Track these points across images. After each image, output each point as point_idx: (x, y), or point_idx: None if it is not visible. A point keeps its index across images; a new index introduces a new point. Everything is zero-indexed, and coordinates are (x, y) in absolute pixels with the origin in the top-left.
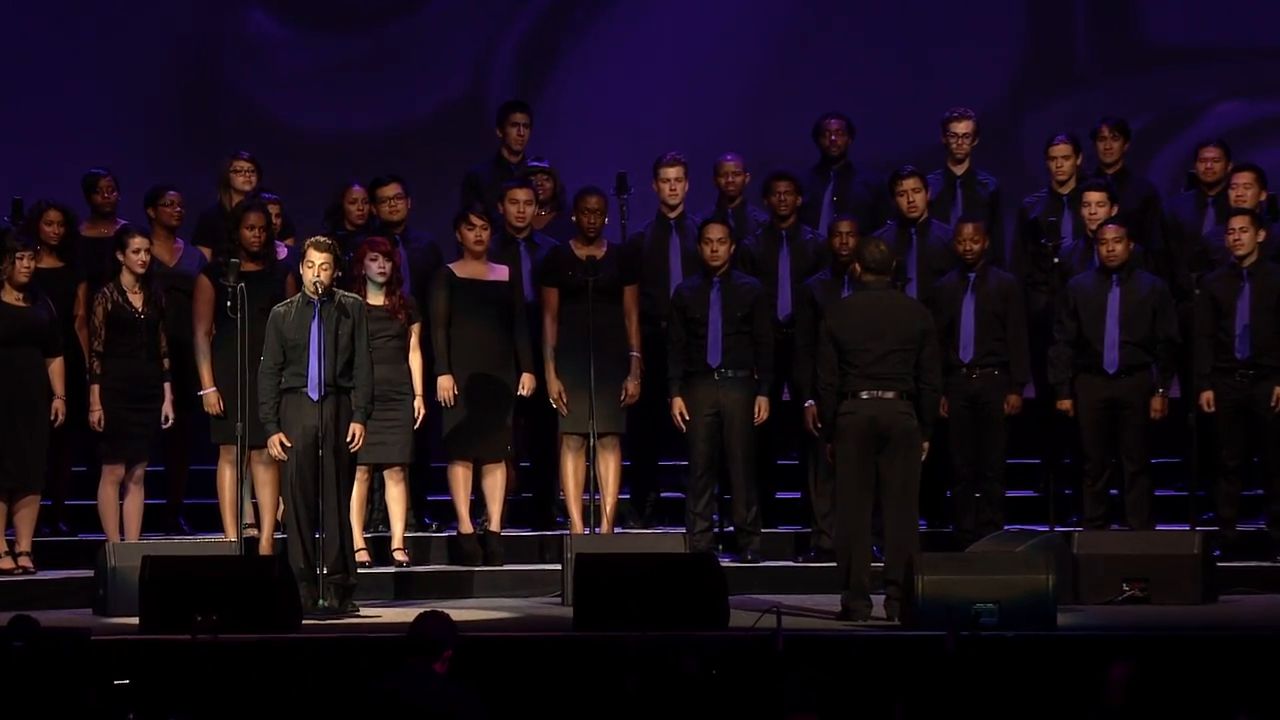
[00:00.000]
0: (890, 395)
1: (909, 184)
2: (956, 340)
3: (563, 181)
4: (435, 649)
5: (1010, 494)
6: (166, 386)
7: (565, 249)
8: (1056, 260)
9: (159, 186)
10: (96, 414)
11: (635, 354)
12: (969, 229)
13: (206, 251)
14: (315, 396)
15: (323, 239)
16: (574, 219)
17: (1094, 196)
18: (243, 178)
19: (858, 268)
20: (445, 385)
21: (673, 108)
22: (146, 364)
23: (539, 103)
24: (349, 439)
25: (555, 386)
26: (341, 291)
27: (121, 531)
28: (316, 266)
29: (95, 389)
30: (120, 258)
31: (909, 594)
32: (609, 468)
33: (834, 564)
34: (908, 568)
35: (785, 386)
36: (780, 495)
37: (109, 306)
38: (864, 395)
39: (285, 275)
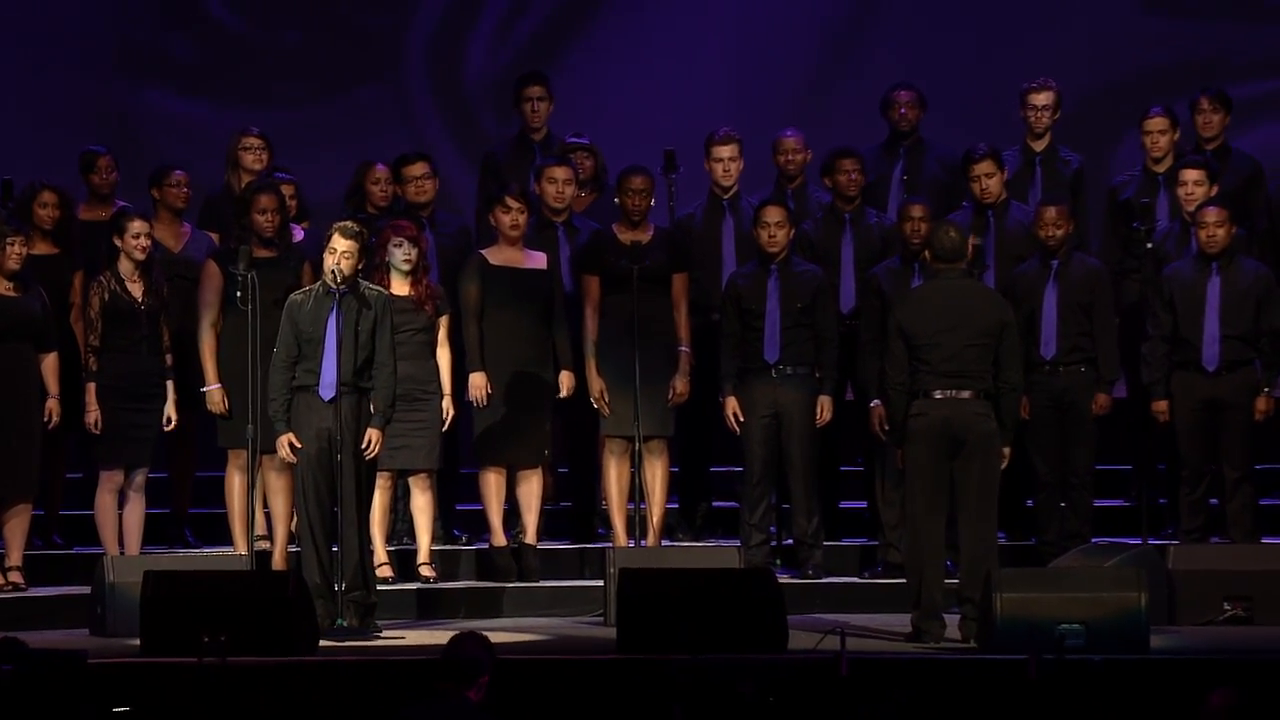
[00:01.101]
0: (966, 395)
1: (982, 168)
2: (1038, 335)
3: (605, 160)
4: (471, 675)
5: (1099, 503)
6: (169, 384)
7: (608, 233)
8: (1150, 246)
9: (164, 165)
10: (93, 415)
11: (684, 349)
12: (1051, 212)
13: (215, 237)
14: (326, 397)
15: (350, 224)
16: (617, 201)
17: (1191, 175)
18: (253, 155)
19: (928, 255)
20: (477, 383)
21: (725, 78)
22: (147, 359)
23: (577, 72)
24: (365, 445)
25: (596, 385)
26: (365, 283)
27: (121, 544)
28: (338, 254)
29: (91, 387)
30: (118, 243)
31: (986, 614)
32: (656, 474)
33: (903, 580)
34: (985, 585)
35: (849, 385)
36: (844, 505)
37: (105, 297)
38: (937, 395)
39: (301, 262)
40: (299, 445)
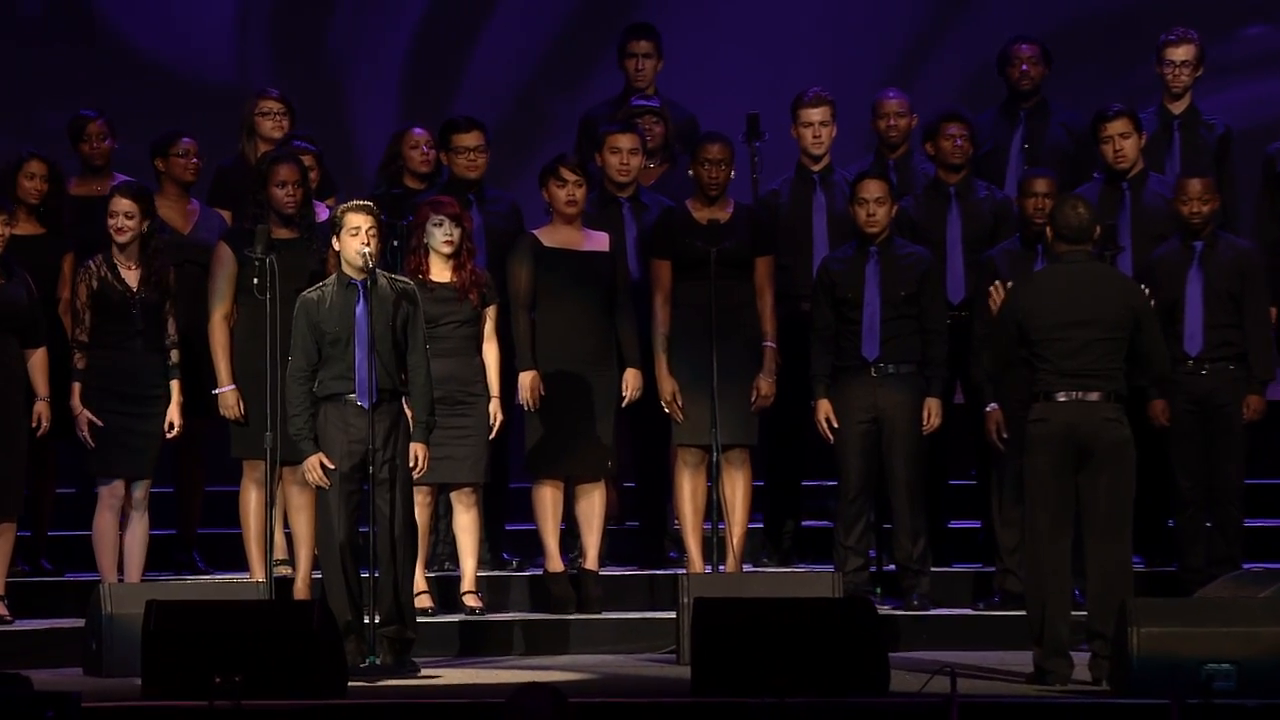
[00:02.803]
0: (1094, 397)
1: (1116, 126)
2: (1180, 327)
3: (677, 125)
4: None
5: (1250, 523)
6: (173, 385)
7: (680, 211)
8: None
9: (170, 133)
10: (82, 418)
11: (770, 344)
12: (1196, 185)
13: (227, 215)
14: (365, 404)
15: (359, 201)
16: (691, 173)
17: None
18: (271, 122)
19: (1049, 233)
20: (529, 384)
21: (817, 31)
22: (143, 356)
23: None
24: (410, 463)
25: (668, 386)
26: (386, 274)
27: (120, 570)
28: (363, 232)
29: (76, 388)
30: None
31: (1121, 651)
32: (736, 490)
33: (1023, 612)
34: (1119, 618)
35: (960, 386)
36: (955, 525)
37: (94, 284)
38: (1061, 398)
39: (327, 244)
40: (331, 466)
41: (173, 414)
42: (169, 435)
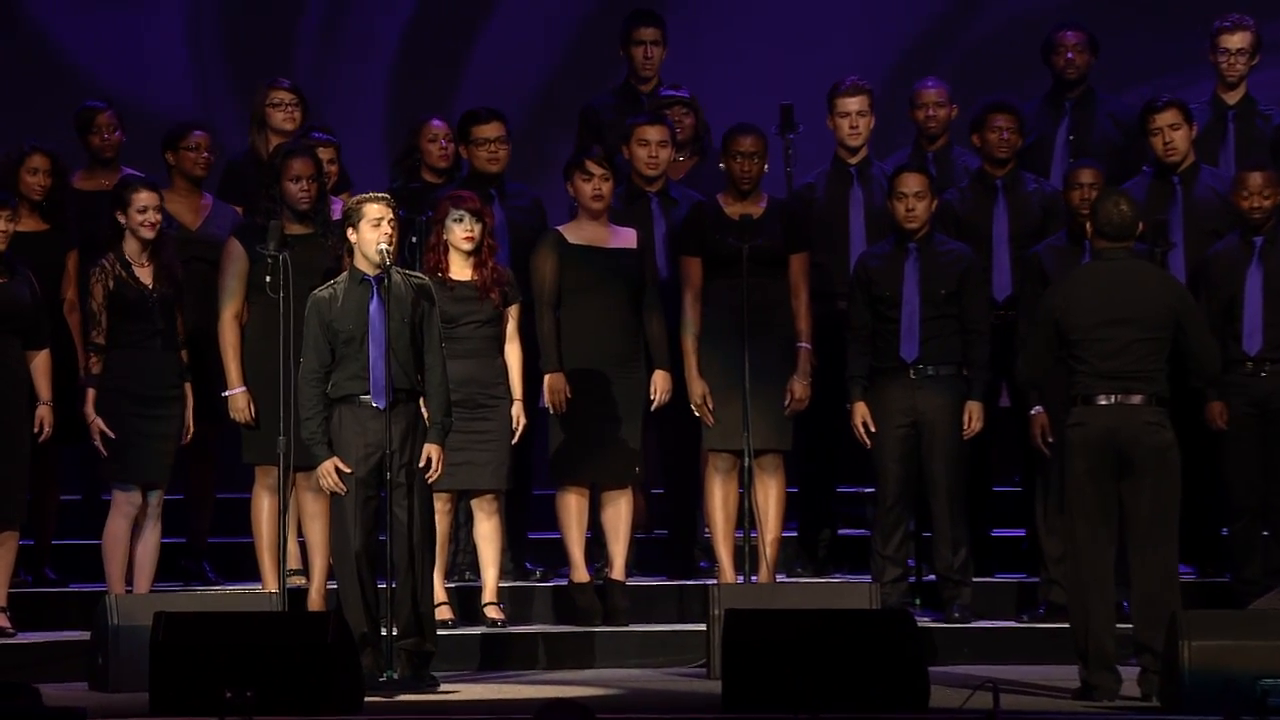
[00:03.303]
0: (1136, 400)
1: (1165, 117)
2: (1239, 326)
3: (707, 118)
4: None
5: None
6: (187, 387)
7: (711, 206)
8: None
9: (181, 124)
10: (95, 426)
11: (804, 345)
12: (1258, 179)
13: (238, 210)
14: (381, 405)
15: (374, 194)
16: (723, 166)
17: None
18: (283, 113)
19: (1089, 229)
20: (554, 386)
21: (851, 20)
22: (161, 357)
23: (674, 10)
24: (423, 465)
25: (698, 388)
26: (401, 270)
27: (128, 580)
28: (382, 225)
29: (90, 394)
30: (121, 219)
31: (1171, 666)
32: (769, 496)
33: (1068, 625)
34: (1169, 631)
35: (1004, 388)
36: (997, 533)
37: (110, 284)
38: (1101, 401)
39: (342, 241)
40: (347, 470)
41: (187, 418)
42: (184, 440)
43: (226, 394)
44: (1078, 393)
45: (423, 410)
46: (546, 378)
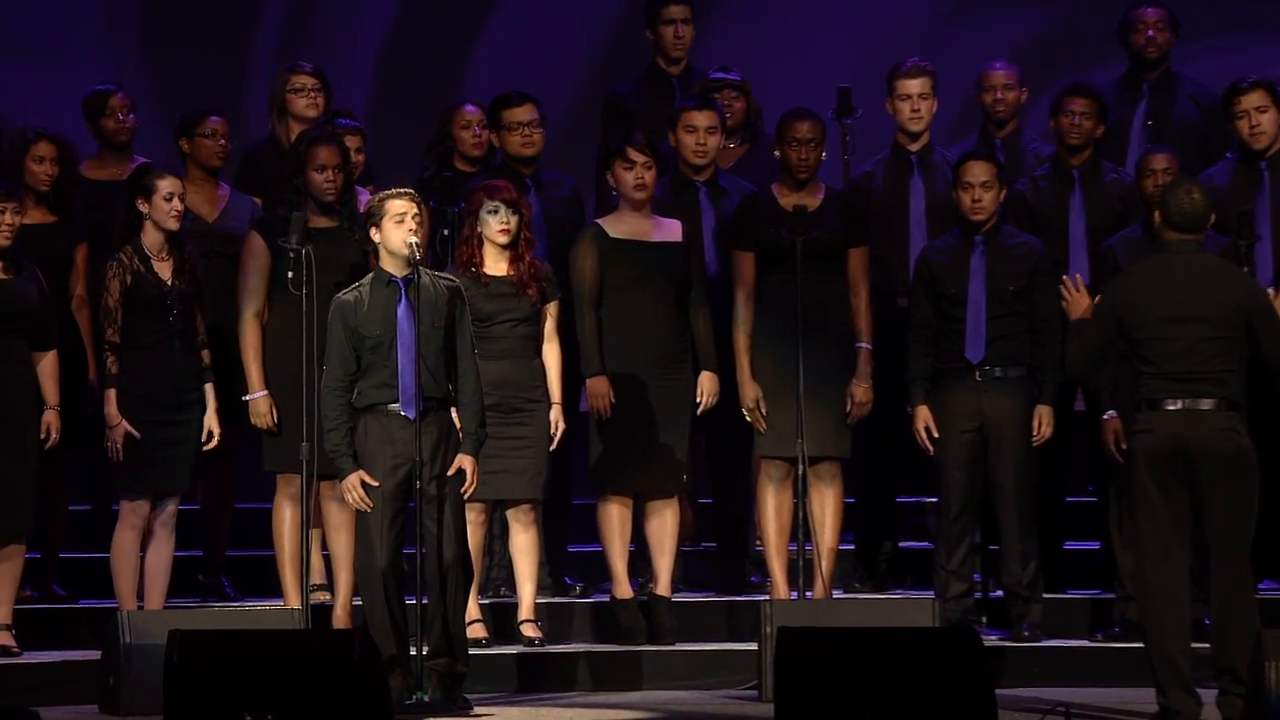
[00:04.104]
0: (1207, 405)
1: (1251, 99)
2: None
3: (759, 102)
4: None
5: None
6: (208, 389)
7: (764, 196)
8: None
9: (197, 111)
10: (119, 430)
11: (864, 345)
12: None
13: (258, 202)
14: (411, 414)
15: (397, 189)
16: (777, 154)
17: None
18: (305, 99)
19: (1158, 218)
20: (596, 390)
21: None
22: (181, 358)
23: None
24: (453, 474)
25: (750, 392)
26: (429, 270)
27: (141, 595)
28: (408, 219)
29: (111, 395)
30: (143, 208)
31: (1257, 687)
32: (826, 507)
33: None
34: (1254, 651)
35: (1078, 392)
36: (1069, 546)
37: (128, 280)
38: (1169, 406)
39: (369, 235)
40: (374, 484)
41: (210, 422)
42: (207, 446)
43: (247, 398)
44: (1143, 397)
45: (455, 420)
46: (588, 381)
